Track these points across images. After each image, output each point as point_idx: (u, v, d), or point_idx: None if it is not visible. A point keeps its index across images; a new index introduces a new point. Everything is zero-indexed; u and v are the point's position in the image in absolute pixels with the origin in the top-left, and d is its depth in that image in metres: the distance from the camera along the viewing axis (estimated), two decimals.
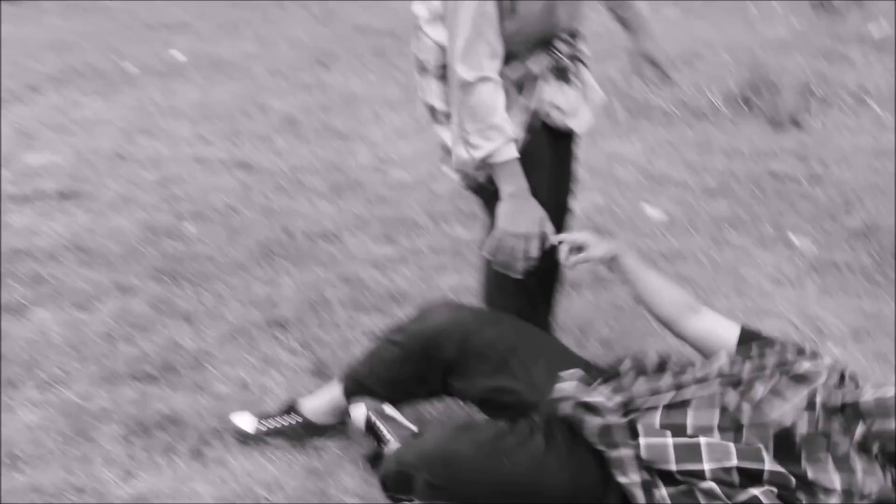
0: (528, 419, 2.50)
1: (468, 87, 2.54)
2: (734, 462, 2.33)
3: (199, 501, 2.64)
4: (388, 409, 2.69)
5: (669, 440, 2.38)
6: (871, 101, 6.28)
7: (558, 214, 2.87)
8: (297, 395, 2.99)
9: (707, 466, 2.34)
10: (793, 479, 2.32)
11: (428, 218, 4.49)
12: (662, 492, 2.36)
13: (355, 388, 2.78)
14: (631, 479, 2.36)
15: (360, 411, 2.68)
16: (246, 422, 2.86)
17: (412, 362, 2.69)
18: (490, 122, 2.55)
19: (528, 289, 2.85)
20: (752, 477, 2.33)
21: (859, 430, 2.36)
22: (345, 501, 2.62)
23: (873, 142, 5.67)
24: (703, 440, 2.37)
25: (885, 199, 4.76)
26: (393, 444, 2.59)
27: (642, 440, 2.39)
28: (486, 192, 2.72)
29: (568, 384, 2.54)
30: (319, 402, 2.86)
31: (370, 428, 2.67)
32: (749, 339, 2.64)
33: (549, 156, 2.80)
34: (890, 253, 4.16)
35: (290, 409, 2.88)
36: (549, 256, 2.74)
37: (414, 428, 2.66)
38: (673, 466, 2.36)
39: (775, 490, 2.32)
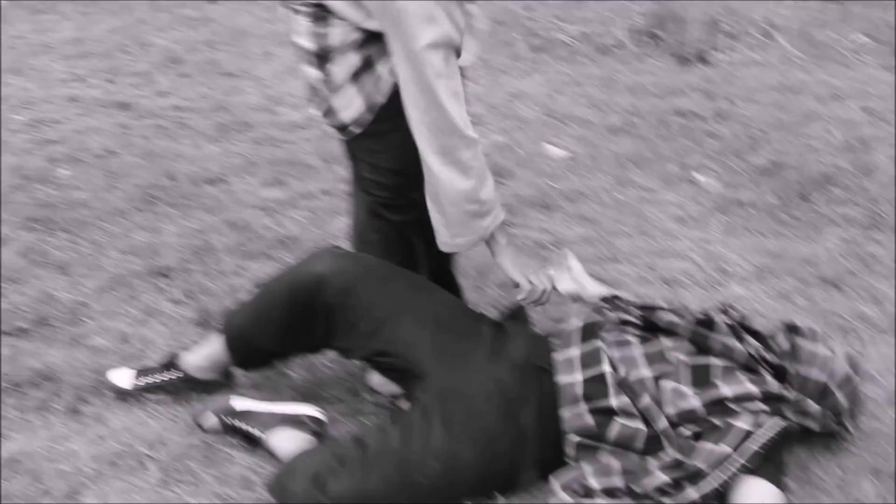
0: (419, 402, 2.48)
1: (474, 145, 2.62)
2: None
3: (77, 461, 2.60)
4: (238, 404, 2.66)
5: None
6: (778, 35, 6.39)
7: None
8: (181, 347, 2.96)
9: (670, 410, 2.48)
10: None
11: (319, 159, 4.46)
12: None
13: (237, 342, 2.74)
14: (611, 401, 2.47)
15: (210, 420, 2.67)
16: (124, 378, 2.82)
17: (294, 312, 2.63)
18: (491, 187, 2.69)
19: (407, 237, 2.86)
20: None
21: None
22: (232, 455, 2.61)
23: (780, 78, 5.78)
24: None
25: (790, 136, 4.86)
26: (263, 437, 2.60)
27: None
28: (358, 142, 2.72)
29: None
30: (200, 356, 2.83)
31: (230, 430, 2.66)
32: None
33: None
34: (795, 191, 4.26)
35: (171, 363, 2.84)
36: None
37: (274, 409, 2.65)
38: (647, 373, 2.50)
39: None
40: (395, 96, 2.60)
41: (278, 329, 2.66)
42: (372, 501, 2.28)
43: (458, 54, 2.56)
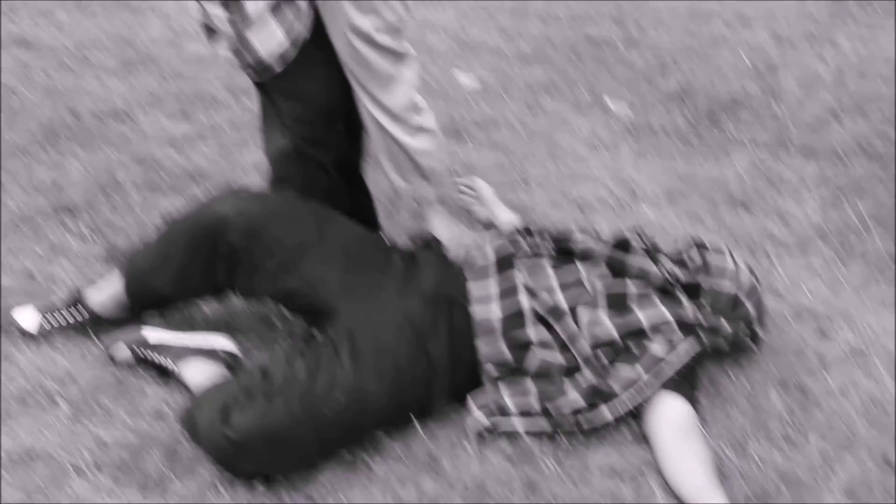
0: (328, 336, 2.47)
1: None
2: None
3: None
4: (151, 334, 2.64)
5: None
6: None
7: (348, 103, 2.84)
8: (89, 284, 2.92)
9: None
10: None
11: (227, 92, 4.39)
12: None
13: (137, 285, 2.70)
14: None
15: (122, 352, 2.64)
16: (28, 319, 2.77)
17: (196, 256, 2.58)
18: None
19: (330, 174, 2.85)
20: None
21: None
22: (144, 388, 2.59)
23: (689, 4, 5.80)
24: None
25: (700, 61, 4.90)
26: (175, 369, 2.59)
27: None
28: (279, 79, 2.68)
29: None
30: (104, 295, 2.78)
31: (142, 362, 2.64)
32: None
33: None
34: (704, 114, 4.30)
35: (77, 301, 2.80)
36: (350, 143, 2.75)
37: (187, 341, 2.63)
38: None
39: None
40: (318, 28, 2.57)
41: (179, 273, 2.61)
42: (276, 433, 2.25)
43: None
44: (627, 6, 5.71)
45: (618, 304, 2.55)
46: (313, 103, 2.71)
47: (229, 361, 2.64)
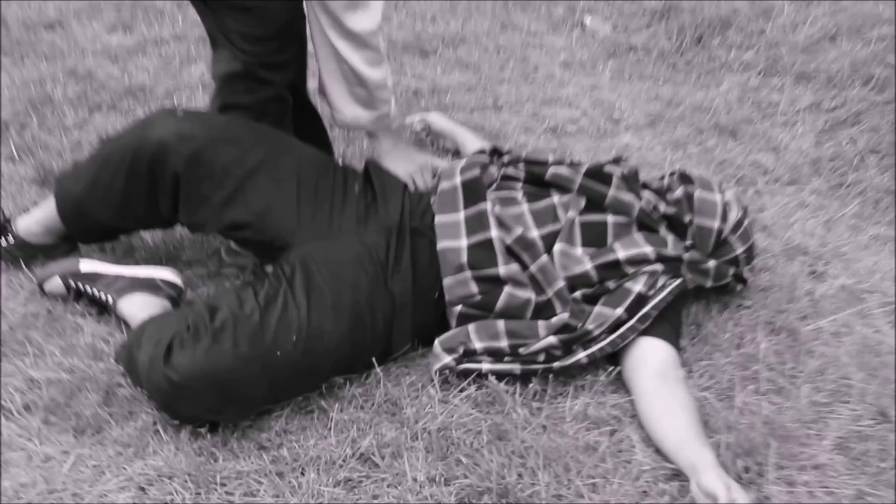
0: (281, 269, 2.41)
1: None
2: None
3: None
4: (86, 266, 2.58)
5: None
6: None
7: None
8: (20, 208, 2.86)
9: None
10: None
11: (172, 2, 4.31)
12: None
13: (72, 213, 2.62)
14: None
15: (54, 284, 2.58)
16: None
17: (135, 184, 2.50)
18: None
19: (282, 97, 2.80)
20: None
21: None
22: (79, 323, 2.54)
23: None
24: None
25: None
26: (112, 302, 2.53)
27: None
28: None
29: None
30: (34, 220, 2.71)
31: (78, 296, 2.58)
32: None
33: None
34: (689, 34, 4.26)
35: (4, 228, 2.74)
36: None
37: (126, 272, 2.57)
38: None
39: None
40: None
41: (118, 202, 2.54)
42: (223, 375, 2.18)
43: None
44: None
45: (594, 238, 2.52)
46: (266, 20, 2.64)
47: (173, 295, 2.59)
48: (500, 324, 2.44)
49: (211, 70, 2.85)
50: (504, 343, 2.41)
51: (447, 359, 2.40)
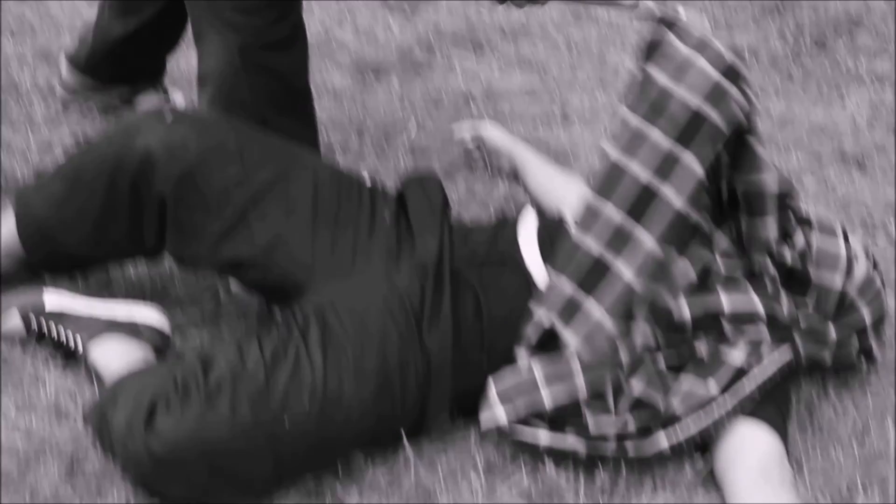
0: (293, 317, 2.40)
1: None
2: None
3: None
4: (52, 300, 2.57)
5: None
6: None
7: None
8: None
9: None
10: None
11: None
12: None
13: (36, 236, 2.61)
14: None
15: (12, 321, 2.57)
16: None
17: (114, 202, 2.50)
18: None
19: (296, 88, 2.81)
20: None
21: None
22: (41, 375, 2.54)
23: None
24: None
25: None
26: (83, 348, 2.52)
27: None
28: None
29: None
30: None
31: (40, 338, 2.58)
32: None
33: None
34: (809, 36, 4.25)
35: None
36: None
37: (101, 310, 2.57)
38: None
39: None
40: None
41: (92, 227, 2.54)
42: (216, 446, 2.17)
43: None
44: None
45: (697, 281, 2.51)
46: None
47: (157, 342, 2.59)
48: (575, 362, 2.41)
49: (198, 71, 2.86)
50: (579, 383, 2.38)
51: (501, 414, 2.37)
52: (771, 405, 2.43)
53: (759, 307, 2.47)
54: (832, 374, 2.68)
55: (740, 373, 2.42)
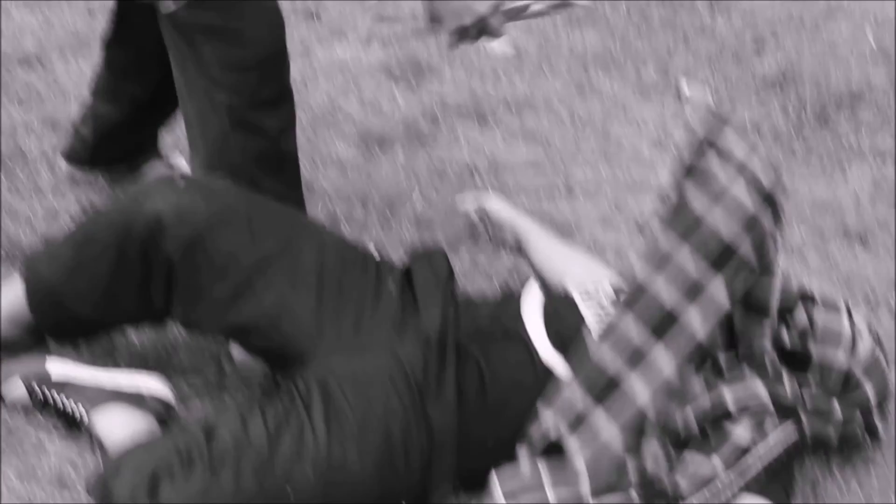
0: (296, 387, 2.41)
1: None
2: None
3: None
4: (56, 368, 2.58)
5: None
6: None
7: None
8: None
9: None
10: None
11: None
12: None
13: (45, 303, 2.63)
14: None
15: (16, 391, 2.58)
16: None
17: (124, 268, 2.52)
18: None
19: (286, 152, 2.82)
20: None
21: None
22: (43, 441, 2.54)
23: None
24: None
25: (807, 35, 4.85)
26: (86, 417, 2.53)
27: None
28: (195, 13, 2.66)
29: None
30: None
31: (44, 406, 2.58)
32: None
33: None
34: (811, 110, 4.26)
35: None
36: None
37: (106, 380, 2.57)
38: None
39: None
40: None
41: (102, 293, 2.55)
42: None
43: None
44: None
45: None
46: (252, 38, 2.69)
47: (161, 412, 2.59)
48: (580, 463, 2.40)
49: (188, 136, 2.87)
50: (585, 489, 2.37)
51: None
52: (776, 483, 2.43)
53: (763, 394, 2.48)
54: (836, 451, 2.67)
55: (745, 450, 2.41)
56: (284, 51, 2.76)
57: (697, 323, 2.39)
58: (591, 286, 2.69)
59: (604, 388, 2.40)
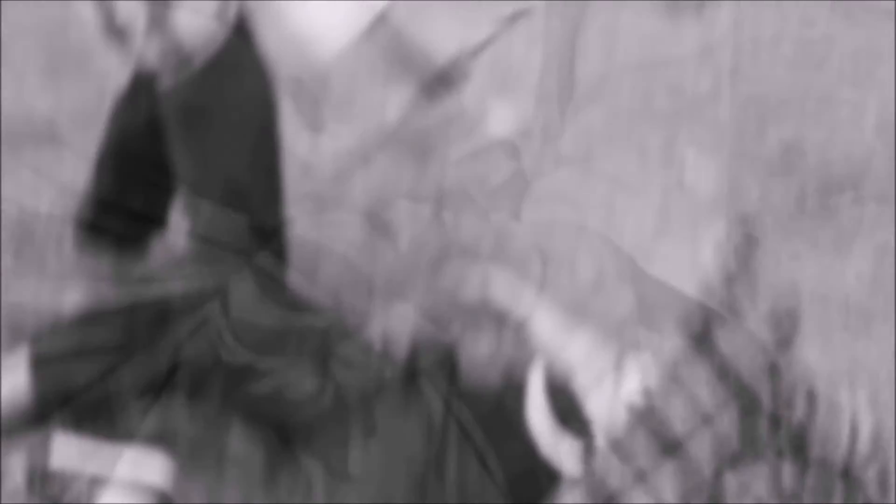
0: (297, 463, 2.47)
1: None
2: None
3: None
4: (57, 451, 2.61)
5: None
6: None
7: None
8: None
9: None
10: None
11: None
12: None
13: (50, 382, 2.68)
14: None
15: (15, 474, 2.59)
16: None
17: (130, 345, 2.60)
18: None
19: None
20: None
21: None
22: None
23: (798, 33, 5.80)
24: None
25: (810, 114, 4.87)
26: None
27: None
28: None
29: None
30: None
31: (43, 492, 2.59)
32: None
33: None
34: (813, 188, 4.29)
35: None
36: None
37: (105, 468, 2.58)
38: None
39: None
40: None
41: (108, 370, 2.60)
42: None
43: None
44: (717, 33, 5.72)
45: None
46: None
47: (161, 497, 2.60)
48: None
49: None
50: None
51: None
52: None
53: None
54: None
55: None
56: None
57: None
58: (597, 371, 2.71)
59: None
